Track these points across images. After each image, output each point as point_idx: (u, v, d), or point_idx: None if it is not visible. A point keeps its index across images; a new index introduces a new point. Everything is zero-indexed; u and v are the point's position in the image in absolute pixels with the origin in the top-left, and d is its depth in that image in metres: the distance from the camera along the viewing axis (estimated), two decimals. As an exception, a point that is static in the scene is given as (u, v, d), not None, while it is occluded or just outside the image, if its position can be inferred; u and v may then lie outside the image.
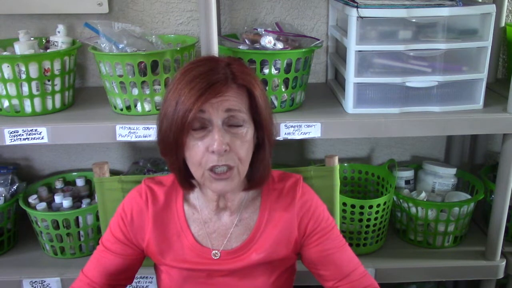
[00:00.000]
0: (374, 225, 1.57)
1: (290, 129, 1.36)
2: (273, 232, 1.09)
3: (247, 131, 0.98)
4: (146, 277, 1.49)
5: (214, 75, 0.95)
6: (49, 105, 1.43)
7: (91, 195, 1.74)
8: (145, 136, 1.34)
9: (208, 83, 0.93)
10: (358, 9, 1.31)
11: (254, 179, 1.06)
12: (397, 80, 1.38)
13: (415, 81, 1.38)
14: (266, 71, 1.37)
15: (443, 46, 1.35)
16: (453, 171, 1.74)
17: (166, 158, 1.02)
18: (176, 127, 0.94)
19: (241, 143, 0.97)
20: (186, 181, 1.06)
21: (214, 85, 0.93)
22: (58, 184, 1.73)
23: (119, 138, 1.34)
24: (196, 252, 1.09)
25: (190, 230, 1.10)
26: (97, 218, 1.49)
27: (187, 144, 0.97)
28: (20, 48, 1.43)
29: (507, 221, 1.54)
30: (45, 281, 1.49)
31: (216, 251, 1.09)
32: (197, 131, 0.96)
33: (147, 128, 1.33)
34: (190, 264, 1.09)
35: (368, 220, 1.55)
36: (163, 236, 1.10)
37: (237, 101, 0.96)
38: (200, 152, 0.95)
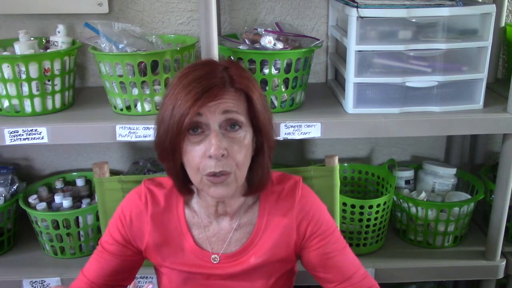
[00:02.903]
0: (374, 225, 1.57)
1: (290, 129, 1.36)
2: (272, 235, 1.08)
3: (245, 135, 0.97)
4: (146, 277, 1.49)
5: (211, 79, 0.93)
6: (49, 105, 1.43)
7: (91, 195, 1.74)
8: (145, 136, 1.34)
9: (205, 87, 0.92)
10: (358, 9, 1.31)
11: (253, 184, 1.05)
12: (397, 80, 1.38)
13: (415, 81, 1.38)
14: (266, 71, 1.37)
15: (443, 46, 1.35)
16: (453, 171, 1.74)
17: (164, 163, 1.01)
18: (172, 131, 0.93)
19: (239, 148, 0.95)
20: (185, 186, 1.05)
21: (211, 89, 0.92)
22: (58, 184, 1.73)
23: (119, 138, 1.34)
24: (195, 255, 1.08)
25: (191, 233, 1.09)
26: (97, 218, 1.49)
27: (184, 148, 0.96)
28: (20, 48, 1.43)
29: (507, 221, 1.54)
30: (45, 281, 1.49)
31: (216, 255, 1.08)
32: (194, 136, 0.95)
33: (147, 128, 1.33)
34: (190, 267, 1.09)
35: (368, 220, 1.55)
36: (162, 239, 1.09)
37: (234, 103, 0.95)
38: (197, 157, 0.94)
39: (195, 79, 0.93)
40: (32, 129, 1.33)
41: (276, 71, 1.38)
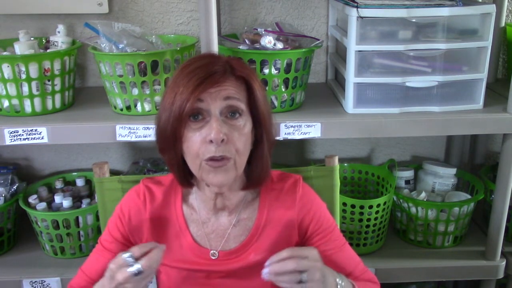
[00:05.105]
0: (374, 225, 1.57)
1: (290, 129, 1.36)
2: (272, 233, 1.09)
3: (245, 124, 0.98)
4: (146, 277, 1.48)
5: (213, 67, 0.95)
6: (49, 105, 1.43)
7: (91, 195, 1.74)
8: (145, 136, 1.34)
9: (206, 73, 0.94)
10: (358, 9, 1.31)
11: (252, 178, 1.06)
12: (397, 80, 1.38)
13: (415, 81, 1.38)
14: (266, 71, 1.37)
15: (443, 46, 1.35)
16: (453, 171, 1.74)
17: (165, 154, 1.02)
18: (174, 118, 0.94)
19: (239, 135, 0.96)
20: (185, 178, 1.05)
21: (212, 76, 0.94)
22: (58, 184, 1.73)
23: (119, 138, 1.34)
24: (194, 252, 1.09)
25: (189, 230, 1.09)
26: (97, 218, 1.49)
27: (185, 135, 0.96)
28: (20, 48, 1.43)
29: (507, 221, 1.54)
30: (45, 281, 1.49)
31: (214, 251, 1.09)
32: (195, 122, 0.96)
33: (147, 128, 1.33)
34: (189, 264, 1.09)
35: (368, 220, 1.55)
36: (161, 236, 1.09)
37: (235, 91, 0.97)
38: (197, 143, 0.95)
39: (197, 67, 0.95)
40: (32, 129, 1.33)
41: (276, 71, 1.38)
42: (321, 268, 0.94)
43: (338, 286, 0.99)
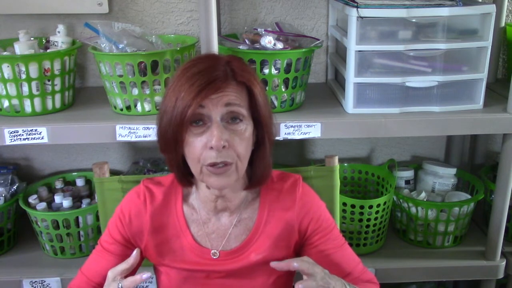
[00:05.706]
0: (374, 225, 1.57)
1: (290, 129, 1.36)
2: (273, 232, 1.09)
3: (246, 128, 0.98)
4: (146, 277, 1.48)
5: (214, 72, 0.95)
6: (49, 105, 1.43)
7: (91, 195, 1.74)
8: (145, 136, 1.34)
9: (208, 79, 0.94)
10: (358, 9, 1.31)
11: (254, 178, 1.06)
12: (397, 80, 1.38)
13: (415, 81, 1.38)
14: (266, 71, 1.37)
15: (443, 46, 1.35)
16: (453, 171, 1.74)
17: (165, 154, 1.02)
18: (175, 122, 0.94)
19: (240, 140, 0.97)
20: (185, 178, 1.06)
21: (214, 82, 0.94)
22: (58, 184, 1.73)
23: (119, 138, 1.34)
24: (195, 252, 1.09)
25: (190, 231, 1.09)
26: (97, 218, 1.49)
27: (186, 140, 0.97)
28: (20, 48, 1.43)
29: (507, 221, 1.54)
30: (45, 281, 1.49)
31: (215, 251, 1.09)
32: (196, 127, 0.96)
33: (147, 128, 1.33)
34: (189, 265, 1.09)
35: (368, 220, 1.55)
36: (162, 237, 1.09)
37: (236, 96, 0.96)
38: (198, 148, 0.96)
39: (198, 72, 0.95)
40: (32, 129, 1.33)
41: (276, 71, 1.38)
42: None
43: None
